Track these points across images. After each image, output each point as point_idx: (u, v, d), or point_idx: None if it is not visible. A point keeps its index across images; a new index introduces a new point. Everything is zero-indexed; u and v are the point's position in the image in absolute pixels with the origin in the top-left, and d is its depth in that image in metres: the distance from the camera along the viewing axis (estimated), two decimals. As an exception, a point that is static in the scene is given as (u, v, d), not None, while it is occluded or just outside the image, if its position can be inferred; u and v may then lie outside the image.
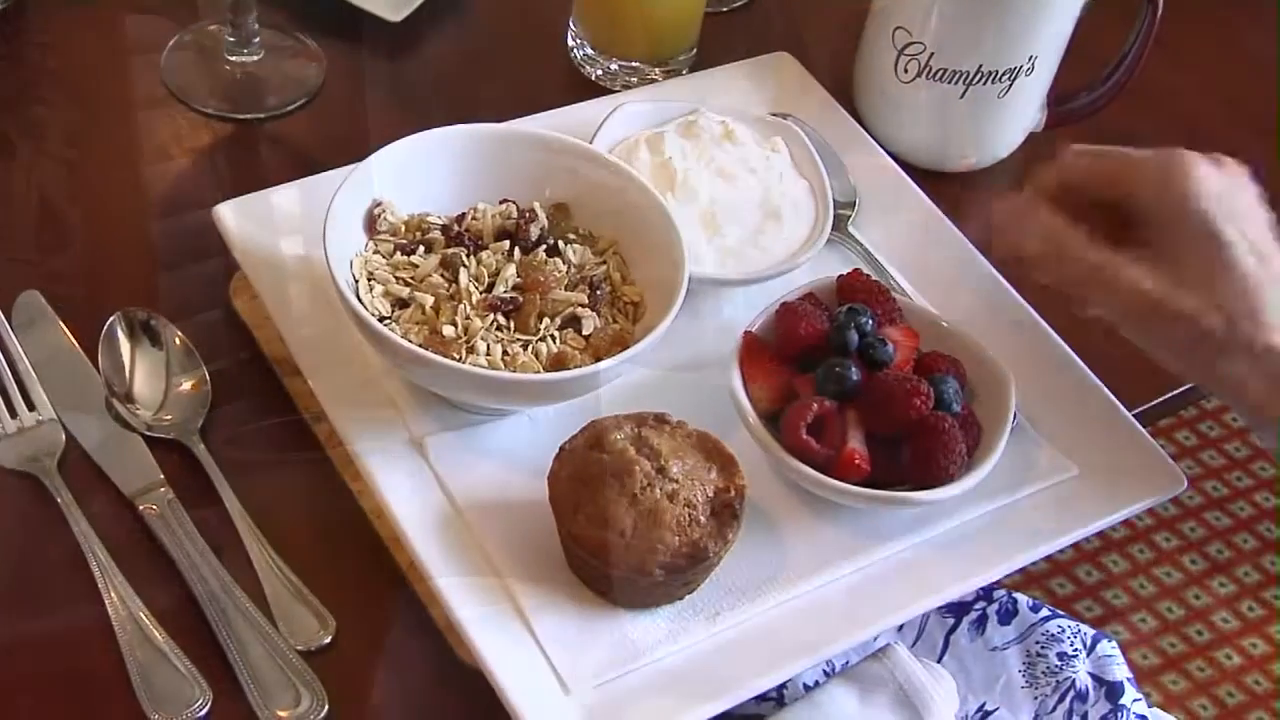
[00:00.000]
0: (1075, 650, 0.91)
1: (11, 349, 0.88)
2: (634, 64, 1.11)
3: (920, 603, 0.82)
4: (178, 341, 0.89)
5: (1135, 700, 0.91)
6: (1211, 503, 2.10)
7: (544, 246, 0.88)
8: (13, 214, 0.98)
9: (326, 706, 0.76)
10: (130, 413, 0.86)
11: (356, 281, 0.85)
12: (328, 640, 0.79)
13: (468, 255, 0.86)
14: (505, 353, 0.83)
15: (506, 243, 0.87)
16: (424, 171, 0.89)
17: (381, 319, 0.83)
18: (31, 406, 0.86)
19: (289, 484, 0.86)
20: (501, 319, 0.84)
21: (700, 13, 1.12)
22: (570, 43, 1.13)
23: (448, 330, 0.83)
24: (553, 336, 0.85)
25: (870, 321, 0.86)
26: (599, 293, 0.87)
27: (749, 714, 0.83)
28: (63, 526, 0.81)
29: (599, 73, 1.12)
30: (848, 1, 1.13)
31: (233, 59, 1.08)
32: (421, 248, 0.87)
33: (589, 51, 1.12)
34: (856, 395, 0.83)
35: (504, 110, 0.97)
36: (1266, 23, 1.29)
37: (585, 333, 0.85)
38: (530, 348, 0.84)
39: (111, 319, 0.89)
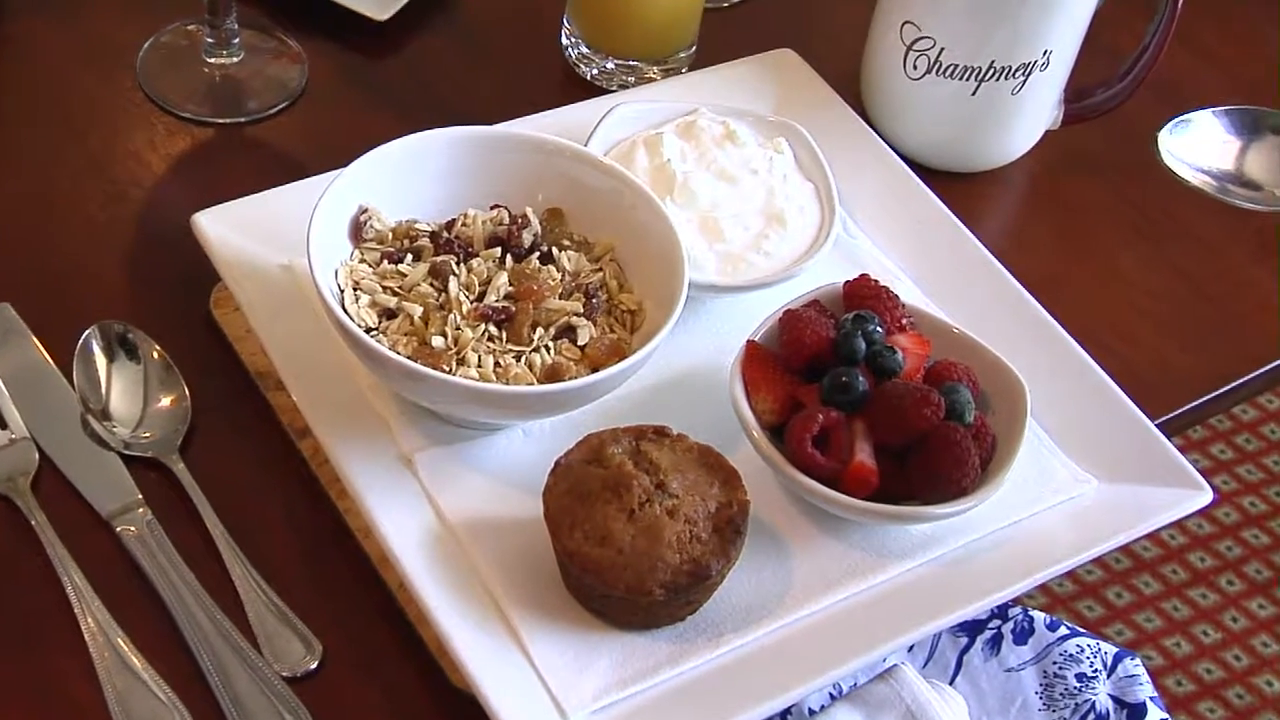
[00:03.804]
0: (1095, 671, 0.90)
1: (-18, 365, 0.89)
2: (631, 62, 1.11)
3: (933, 622, 0.82)
4: (156, 355, 0.89)
5: (1160, 721, 0.90)
6: (1249, 520, 2.06)
7: (537, 253, 0.88)
8: (-17, 223, 0.99)
9: (312, 735, 0.77)
10: (106, 430, 0.86)
11: (342, 291, 0.85)
12: (314, 665, 0.78)
13: (458, 263, 0.86)
14: (497, 364, 0.83)
15: (498, 250, 0.88)
16: (412, 176, 0.88)
17: (368, 330, 0.83)
18: (3, 425, 0.86)
19: (272, 503, 0.86)
20: (493, 329, 0.84)
21: (700, 8, 1.12)
22: (564, 40, 1.14)
23: (437, 341, 0.83)
24: (547, 347, 0.85)
25: (878, 329, 0.85)
26: (595, 301, 0.86)
27: (754, 738, 0.83)
28: (36, 549, 0.81)
29: (594, 72, 1.12)
30: (854, -4, 1.15)
31: (211, 61, 1.08)
32: (409, 256, 0.87)
33: (584, 50, 1.12)
34: (864, 406, 0.83)
35: (495, 111, 0.98)
36: (1288, 15, 1.31)
37: (581, 343, 0.85)
38: (524, 359, 0.84)
39: (86, 333, 0.89)
